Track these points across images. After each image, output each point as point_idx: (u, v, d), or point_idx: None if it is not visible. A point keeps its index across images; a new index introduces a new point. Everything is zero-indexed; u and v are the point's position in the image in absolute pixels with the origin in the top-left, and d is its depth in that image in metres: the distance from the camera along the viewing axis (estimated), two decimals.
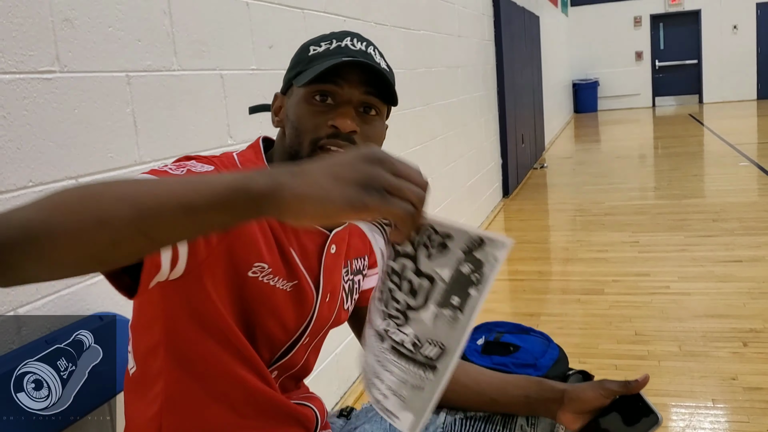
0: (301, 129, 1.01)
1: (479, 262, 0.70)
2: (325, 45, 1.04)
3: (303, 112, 1.01)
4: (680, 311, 3.25)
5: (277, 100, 1.11)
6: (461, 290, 0.71)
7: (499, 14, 5.97)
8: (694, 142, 9.51)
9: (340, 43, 1.03)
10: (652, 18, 15.26)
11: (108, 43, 1.50)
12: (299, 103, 1.02)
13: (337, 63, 0.98)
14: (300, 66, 1.04)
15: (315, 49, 1.04)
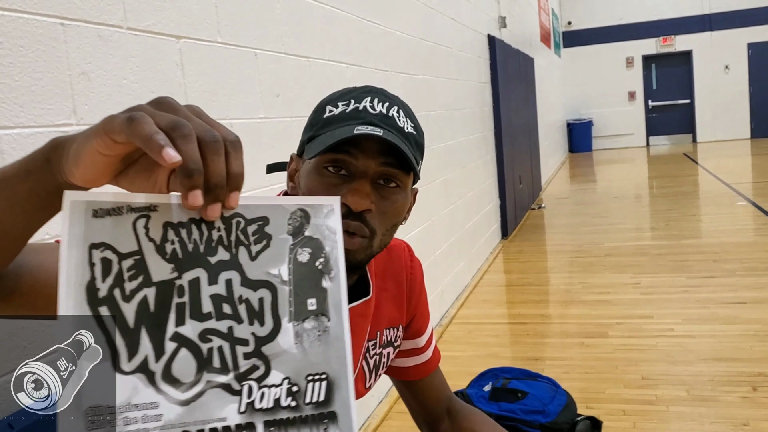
0: None
1: (316, 242, 0.57)
2: (342, 106, 0.94)
3: (315, 185, 0.92)
4: (687, 354, 3.23)
5: (292, 162, 1.02)
6: (312, 287, 0.57)
7: (495, 57, 6.05)
8: (690, 181, 9.58)
9: (357, 105, 0.93)
10: (644, 58, 15.49)
11: (122, 95, 1.51)
12: (311, 173, 0.93)
13: (347, 136, 0.88)
14: (314, 129, 0.95)
15: (331, 110, 0.95)
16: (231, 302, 0.54)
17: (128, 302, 0.51)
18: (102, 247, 0.51)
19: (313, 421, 0.55)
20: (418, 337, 1.23)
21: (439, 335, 3.83)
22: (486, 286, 4.91)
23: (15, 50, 1.23)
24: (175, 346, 0.52)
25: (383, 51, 3.32)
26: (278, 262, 0.56)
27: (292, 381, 0.55)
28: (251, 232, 0.55)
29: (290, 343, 0.56)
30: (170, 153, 0.49)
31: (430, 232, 3.92)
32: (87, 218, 0.51)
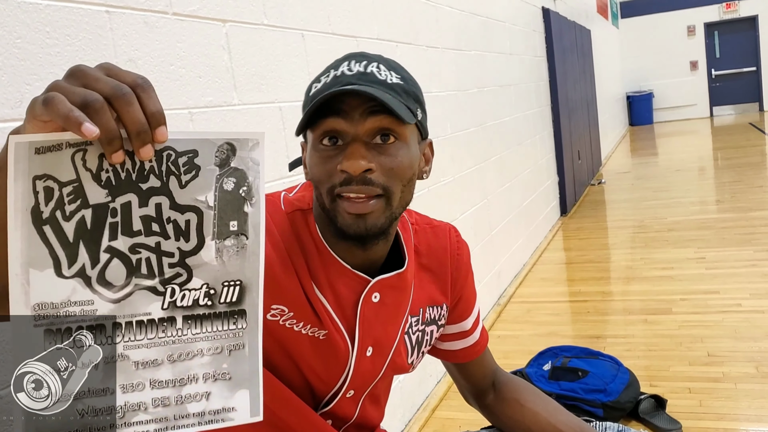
0: (317, 180, 0.93)
1: (240, 173, 0.63)
2: (324, 78, 0.94)
3: (314, 161, 0.93)
4: (754, 330, 3.12)
5: (303, 150, 1.02)
6: (235, 211, 0.64)
7: (550, 30, 5.91)
8: (757, 151, 9.22)
9: (336, 72, 0.93)
10: (707, 26, 14.92)
11: (170, 81, 1.52)
12: (311, 153, 0.94)
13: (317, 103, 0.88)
14: (304, 109, 0.95)
15: (315, 86, 0.94)
16: (160, 222, 0.62)
17: (68, 221, 0.59)
18: (44, 177, 0.58)
19: (225, 317, 0.66)
20: (464, 320, 1.22)
21: (498, 314, 3.79)
22: (545, 264, 4.83)
23: (62, 39, 1.24)
24: (108, 257, 0.61)
25: (433, 27, 3.28)
26: (205, 190, 0.63)
27: (210, 286, 0.65)
28: (182, 163, 0.62)
29: (211, 257, 0.64)
30: (89, 128, 0.55)
31: (486, 210, 3.87)
32: (30, 155, 0.58)
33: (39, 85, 1.19)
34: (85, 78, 0.59)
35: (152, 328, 0.64)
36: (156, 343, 0.64)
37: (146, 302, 0.63)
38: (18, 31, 1.16)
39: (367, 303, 1.02)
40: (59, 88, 0.57)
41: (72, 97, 0.56)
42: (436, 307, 1.16)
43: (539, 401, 1.24)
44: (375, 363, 1.08)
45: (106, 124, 0.56)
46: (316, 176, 0.93)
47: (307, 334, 0.98)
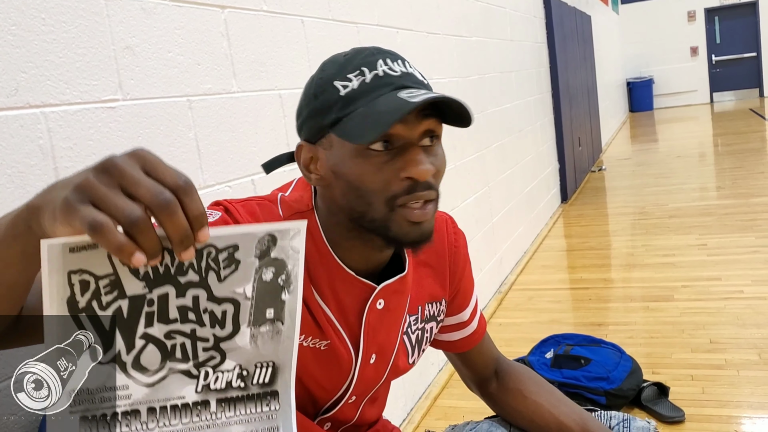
0: (367, 189, 0.87)
1: (280, 262, 0.62)
2: (356, 78, 0.87)
3: (364, 169, 0.86)
4: (757, 317, 3.11)
5: (303, 150, 0.93)
6: (272, 300, 0.63)
7: (551, 15, 5.87)
8: (757, 137, 9.18)
9: (376, 72, 0.87)
10: (707, 11, 14.85)
11: (168, 69, 1.50)
12: (353, 159, 0.87)
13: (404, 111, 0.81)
14: (336, 110, 0.87)
15: (346, 85, 0.87)
16: (196, 312, 0.61)
17: (104, 310, 0.59)
18: (80, 272, 0.57)
19: (258, 399, 0.65)
20: (463, 311, 1.21)
21: (499, 302, 3.78)
22: (546, 251, 4.82)
23: (58, 26, 1.22)
24: (143, 343, 0.61)
25: (434, 13, 3.25)
26: (244, 282, 0.62)
27: (243, 367, 0.64)
28: (222, 258, 0.60)
29: (246, 342, 0.64)
30: (139, 258, 0.54)
31: (486, 198, 3.85)
32: (65, 254, 0.56)
33: (35, 72, 1.17)
34: (122, 178, 0.55)
35: (186, 413, 0.63)
36: (191, 428, 0.63)
37: (180, 385, 0.63)
38: (13, 18, 1.14)
39: (373, 311, 1.00)
40: (97, 193, 0.54)
41: (116, 214, 0.53)
42: (435, 303, 1.14)
43: (542, 392, 1.23)
44: (378, 369, 1.06)
45: (151, 243, 0.55)
46: (368, 186, 0.87)
47: (308, 345, 0.96)
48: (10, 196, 1.11)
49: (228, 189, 1.65)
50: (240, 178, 1.70)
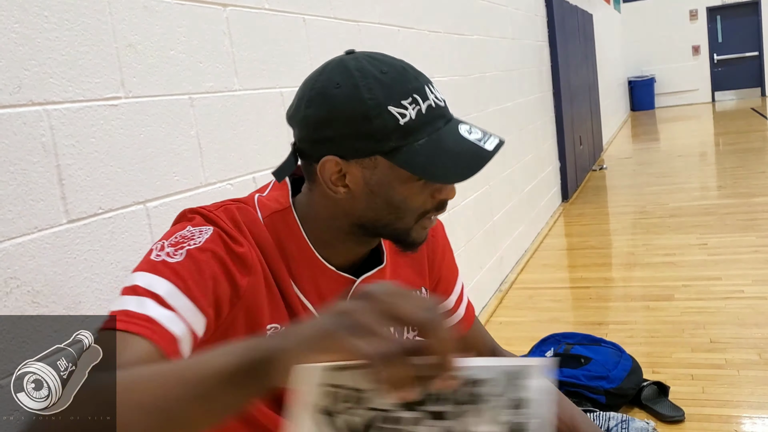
0: (408, 208, 0.94)
1: (524, 401, 0.59)
2: (412, 107, 0.89)
3: (411, 192, 0.93)
4: (757, 317, 3.11)
5: (331, 164, 0.92)
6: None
7: (552, 14, 5.86)
8: (758, 137, 9.18)
9: (429, 103, 0.91)
10: (709, 10, 14.83)
11: (171, 66, 1.50)
12: (403, 183, 0.92)
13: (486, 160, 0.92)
14: (395, 139, 0.89)
15: (403, 114, 0.89)
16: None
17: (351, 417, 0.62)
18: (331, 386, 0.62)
19: None
20: (447, 299, 1.22)
21: (499, 301, 3.78)
22: (546, 250, 4.82)
23: (60, 24, 1.22)
24: None
25: (435, 12, 3.25)
26: (485, 421, 0.60)
27: None
28: (474, 393, 0.60)
29: None
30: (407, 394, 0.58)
31: (487, 197, 3.85)
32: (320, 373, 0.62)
33: (37, 70, 1.17)
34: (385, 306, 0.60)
35: None
36: None
37: None
38: (16, 16, 1.14)
39: None
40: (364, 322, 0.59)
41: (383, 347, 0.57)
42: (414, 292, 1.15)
43: None
44: None
45: (408, 376, 0.57)
46: (410, 206, 0.94)
47: None
48: (13, 193, 1.12)
49: (229, 187, 1.65)
50: (241, 176, 1.70)
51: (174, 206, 1.47)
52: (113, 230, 1.31)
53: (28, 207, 1.14)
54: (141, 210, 1.38)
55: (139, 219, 1.38)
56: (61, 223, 1.20)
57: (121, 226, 1.33)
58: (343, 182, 0.93)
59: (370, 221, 0.96)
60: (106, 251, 1.29)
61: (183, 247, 0.87)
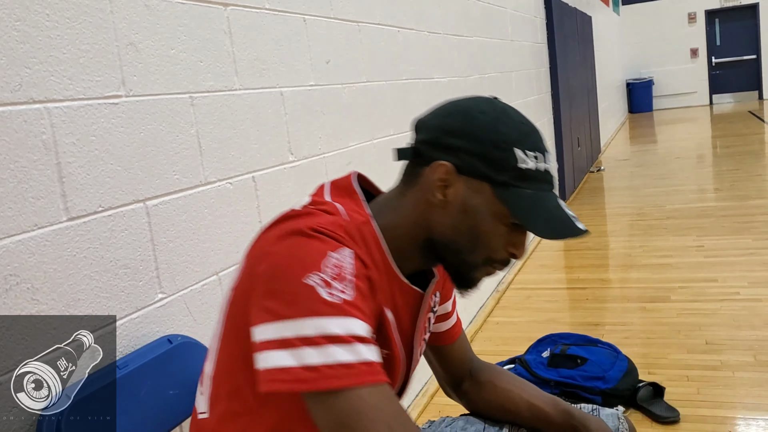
0: (483, 243, 0.98)
1: None
2: (534, 160, 0.96)
3: (493, 231, 0.97)
4: (753, 319, 3.13)
5: (442, 170, 0.95)
6: None
7: (552, 16, 5.88)
8: (756, 140, 9.20)
9: (547, 167, 0.98)
10: (707, 13, 14.86)
11: (171, 65, 1.50)
12: (492, 218, 0.96)
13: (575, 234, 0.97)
14: (509, 176, 0.94)
15: (524, 160, 0.95)
16: None
17: None
18: None
19: None
20: (447, 301, 1.25)
21: (497, 301, 3.79)
22: (544, 250, 4.83)
23: (62, 22, 1.23)
24: None
25: (435, 13, 3.25)
26: None
27: None
28: None
29: None
30: None
31: None
32: None
33: (38, 68, 1.18)
34: None
35: None
36: None
37: None
38: (17, 14, 1.15)
39: (423, 317, 1.07)
40: None
41: None
42: (437, 293, 1.18)
43: (514, 381, 1.29)
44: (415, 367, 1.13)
45: None
46: (485, 242, 0.98)
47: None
48: (13, 191, 1.12)
49: (229, 185, 1.66)
50: (241, 175, 1.71)
51: (174, 204, 1.47)
52: (113, 228, 1.32)
53: (29, 204, 1.15)
54: (141, 208, 1.39)
55: (139, 217, 1.38)
56: (61, 220, 1.21)
57: (121, 224, 1.33)
58: (444, 191, 0.96)
59: (446, 240, 0.98)
60: (106, 249, 1.29)
61: (345, 279, 0.84)
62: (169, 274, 1.45)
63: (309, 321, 0.79)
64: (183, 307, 1.49)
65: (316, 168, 2.09)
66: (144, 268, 1.38)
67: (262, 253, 0.89)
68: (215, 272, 1.59)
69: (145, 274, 1.39)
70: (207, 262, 1.57)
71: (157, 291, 1.42)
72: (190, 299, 1.51)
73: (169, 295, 1.45)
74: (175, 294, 1.46)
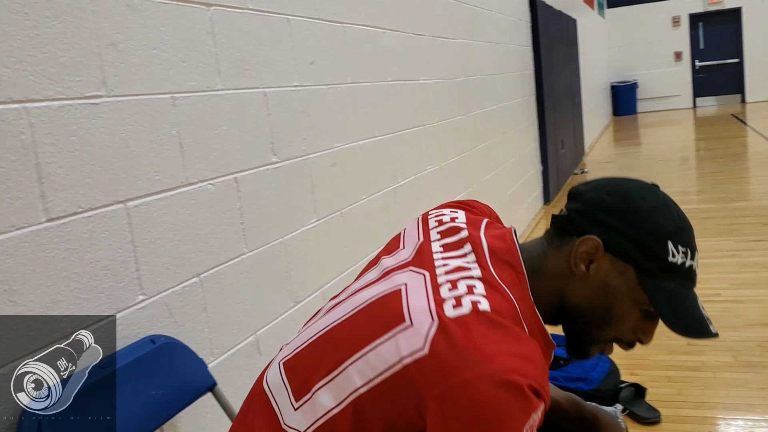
0: (613, 324, 1.01)
1: None
2: (683, 255, 0.99)
3: (627, 315, 1.00)
4: (734, 320, 3.15)
5: (590, 245, 0.99)
6: None
7: (537, 19, 5.90)
8: (738, 143, 9.29)
9: (692, 264, 1.01)
10: (691, 17, 14.98)
11: (153, 65, 1.50)
12: (629, 303, 0.99)
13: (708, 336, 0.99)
14: (656, 266, 0.98)
15: (674, 254, 0.98)
16: None
17: None
18: None
19: None
20: None
21: None
22: None
23: (41, 21, 1.22)
24: None
25: (421, 15, 3.26)
26: None
27: None
28: None
29: None
30: None
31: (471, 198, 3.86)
32: None
33: (17, 67, 1.17)
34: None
35: None
36: None
37: None
38: None
39: None
40: None
41: None
42: None
43: None
44: None
45: None
46: (617, 323, 1.01)
47: None
48: None
49: (210, 187, 1.65)
50: (223, 176, 1.70)
51: (155, 206, 1.47)
52: (93, 229, 1.31)
53: (7, 205, 1.14)
54: (121, 209, 1.38)
55: (120, 218, 1.37)
56: (40, 221, 1.20)
57: (100, 225, 1.33)
58: (587, 264, 1.00)
59: (578, 311, 1.02)
60: (86, 250, 1.29)
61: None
62: (150, 275, 1.44)
63: None
64: (164, 309, 1.48)
65: (300, 169, 2.09)
66: (125, 270, 1.38)
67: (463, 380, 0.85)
68: (196, 274, 1.59)
69: (125, 276, 1.38)
70: (188, 263, 1.56)
71: (137, 292, 1.41)
72: (171, 301, 1.50)
73: (149, 297, 1.44)
74: (156, 296, 1.46)
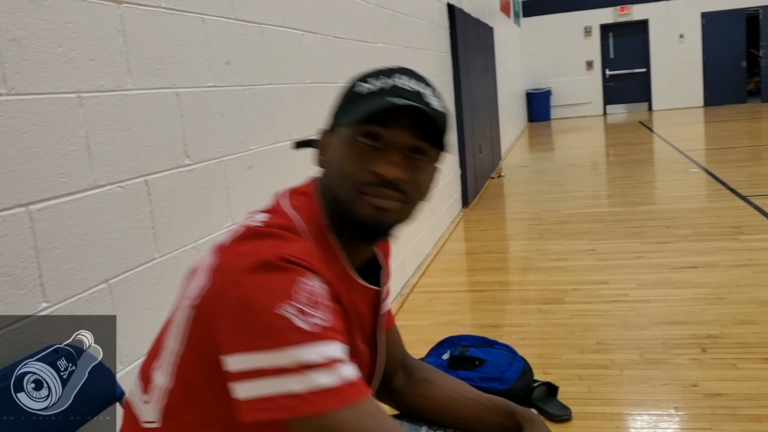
0: (344, 172, 0.97)
1: None
2: (373, 81, 0.98)
3: (346, 154, 0.97)
4: (640, 319, 3.28)
5: (324, 137, 1.04)
6: None
7: (455, 26, 6.00)
8: (645, 149, 9.70)
9: (389, 80, 0.98)
10: (602, 28, 15.55)
11: (58, 64, 1.44)
12: (343, 144, 0.97)
13: (383, 106, 0.93)
14: (345, 104, 1.00)
15: (362, 85, 0.99)
16: None
17: None
18: None
19: None
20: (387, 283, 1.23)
21: (400, 304, 3.83)
22: (447, 254, 4.92)
23: None
24: None
25: (340, 18, 3.26)
26: None
27: None
28: None
29: None
30: None
31: None
32: None
33: None
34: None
35: None
36: None
37: None
38: None
39: (382, 312, 1.09)
40: None
41: None
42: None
43: (448, 378, 1.29)
44: None
45: None
46: (345, 169, 0.96)
47: None
48: None
49: (119, 189, 1.60)
50: (133, 179, 1.66)
51: (60, 209, 1.41)
52: None
53: None
54: (23, 213, 1.32)
55: (21, 222, 1.32)
56: None
57: (0, 230, 1.27)
58: (326, 154, 1.02)
59: (335, 199, 0.98)
60: None
61: (320, 305, 0.86)
62: (54, 282, 1.39)
63: (286, 352, 0.81)
64: (70, 317, 1.43)
65: (214, 172, 2.05)
66: (26, 276, 1.32)
67: (230, 281, 0.88)
68: (105, 280, 1.54)
69: (27, 282, 1.32)
70: (96, 269, 1.51)
71: (40, 300, 1.35)
72: (78, 308, 1.45)
73: (54, 304, 1.38)
74: (61, 303, 1.40)
